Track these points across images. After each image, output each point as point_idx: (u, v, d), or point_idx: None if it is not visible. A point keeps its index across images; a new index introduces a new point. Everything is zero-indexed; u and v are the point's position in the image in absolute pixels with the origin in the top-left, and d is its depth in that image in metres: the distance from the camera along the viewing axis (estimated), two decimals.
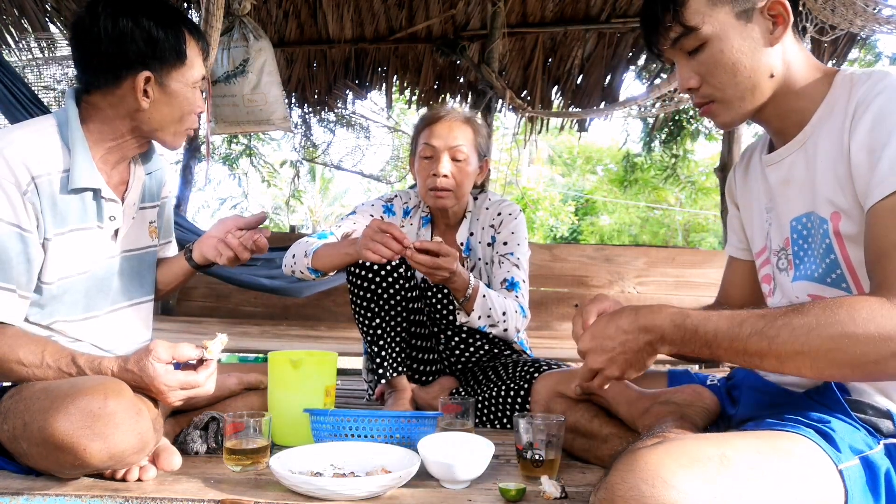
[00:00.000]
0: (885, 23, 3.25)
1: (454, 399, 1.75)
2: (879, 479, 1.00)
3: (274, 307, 4.98)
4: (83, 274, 1.45)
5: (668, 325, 1.08)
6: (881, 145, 1.03)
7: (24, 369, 1.30)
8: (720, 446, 0.96)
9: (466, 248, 2.13)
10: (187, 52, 1.45)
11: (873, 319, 0.94)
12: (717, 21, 1.15)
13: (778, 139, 1.26)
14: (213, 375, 1.35)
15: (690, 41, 1.18)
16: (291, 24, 5.02)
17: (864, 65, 6.40)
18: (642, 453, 0.93)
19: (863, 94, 1.09)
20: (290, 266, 2.00)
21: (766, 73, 1.17)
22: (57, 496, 1.23)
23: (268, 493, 1.28)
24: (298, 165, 9.00)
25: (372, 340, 2.01)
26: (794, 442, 1.00)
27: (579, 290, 4.88)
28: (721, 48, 1.16)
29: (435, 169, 2.01)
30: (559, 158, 17.30)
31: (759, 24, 1.16)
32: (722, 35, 1.16)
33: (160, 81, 1.43)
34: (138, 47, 1.39)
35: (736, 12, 1.15)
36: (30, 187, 1.34)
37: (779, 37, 1.16)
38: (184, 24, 1.46)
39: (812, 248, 1.18)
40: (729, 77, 1.17)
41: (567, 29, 4.96)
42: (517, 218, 2.13)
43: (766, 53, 1.16)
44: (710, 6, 1.16)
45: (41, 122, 1.44)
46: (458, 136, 2.03)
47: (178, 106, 1.47)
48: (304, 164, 9.45)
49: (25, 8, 4.25)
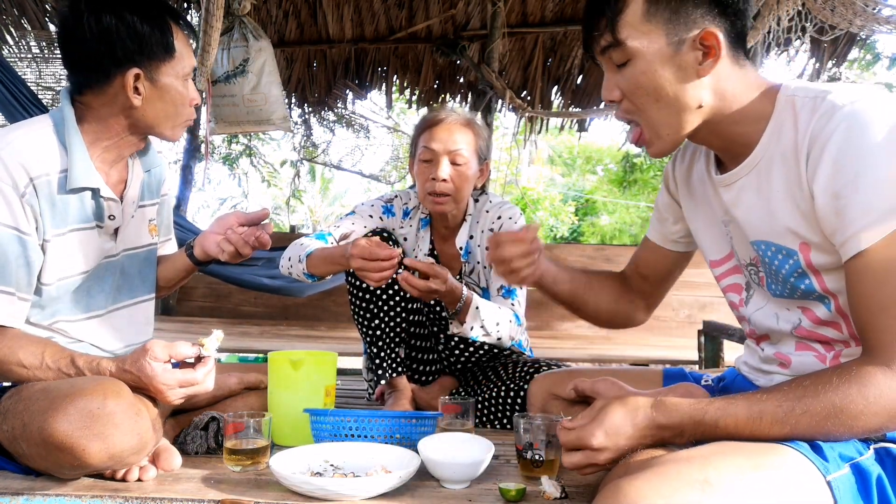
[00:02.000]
0: (884, 23, 3.25)
1: (454, 399, 1.75)
2: (871, 486, 0.99)
3: (274, 307, 4.98)
4: (83, 274, 1.45)
5: (687, 422, 1.06)
6: (847, 191, 1.01)
7: (24, 371, 1.30)
8: (703, 470, 0.93)
9: (466, 251, 2.12)
10: (175, 45, 1.43)
11: (882, 395, 0.98)
12: (646, 41, 1.11)
13: (725, 158, 1.23)
14: (212, 372, 1.34)
15: (617, 54, 1.14)
16: (291, 24, 5.03)
17: (864, 65, 6.39)
18: (622, 485, 0.92)
19: (815, 127, 1.05)
20: (287, 267, 1.99)
21: (692, 103, 1.13)
22: (57, 496, 1.23)
23: (268, 493, 1.28)
24: (298, 165, 9.01)
25: (371, 341, 2.01)
26: (781, 454, 0.98)
27: None
28: (644, 69, 1.12)
29: (434, 173, 1.99)
30: (559, 158, 17.30)
31: (689, 55, 1.11)
32: (649, 56, 1.12)
33: (151, 77, 1.41)
34: (125, 44, 1.37)
35: (668, 37, 1.11)
36: (28, 189, 1.34)
37: (707, 69, 1.11)
38: (169, 16, 1.44)
39: (784, 273, 1.16)
40: (650, 101, 1.14)
41: (567, 29, 4.96)
42: (517, 222, 2.11)
43: (692, 85, 1.12)
44: (643, 23, 1.12)
45: (37, 122, 1.44)
46: (458, 140, 2.00)
47: (172, 100, 1.45)
48: (304, 164, 9.46)
49: (25, 8, 4.25)
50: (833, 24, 3.33)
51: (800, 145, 1.07)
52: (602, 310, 1.55)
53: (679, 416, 1.06)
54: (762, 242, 1.17)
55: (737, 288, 1.32)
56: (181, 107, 1.48)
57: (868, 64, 6.94)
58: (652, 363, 3.80)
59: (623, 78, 1.15)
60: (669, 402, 1.08)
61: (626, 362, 3.85)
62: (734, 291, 1.32)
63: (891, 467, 1.02)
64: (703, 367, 3.30)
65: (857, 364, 1.01)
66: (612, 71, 1.18)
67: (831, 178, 1.03)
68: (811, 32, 3.38)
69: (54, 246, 1.40)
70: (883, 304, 1.01)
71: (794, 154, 1.08)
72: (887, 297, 1.00)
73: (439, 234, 2.16)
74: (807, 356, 1.18)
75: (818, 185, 1.05)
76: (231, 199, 13.33)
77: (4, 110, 3.56)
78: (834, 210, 1.03)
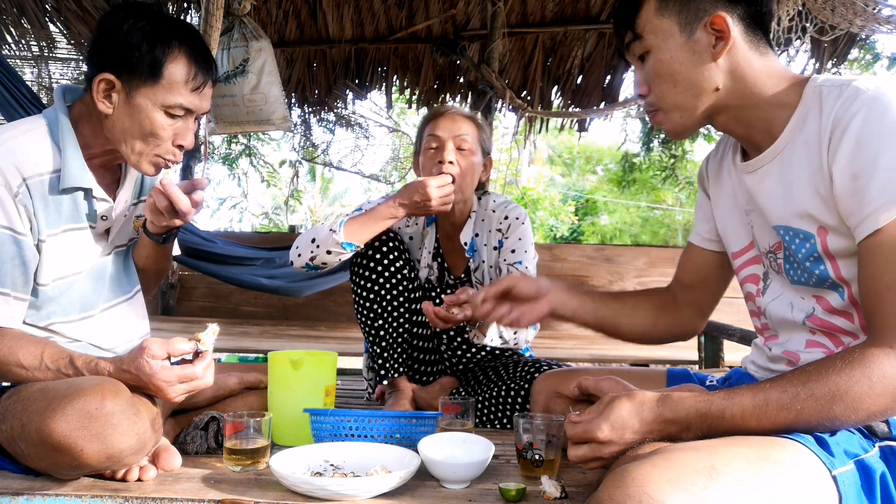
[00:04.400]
0: (885, 23, 3.25)
1: (454, 399, 1.75)
2: (875, 483, 0.99)
3: (274, 307, 4.98)
4: (78, 274, 1.45)
5: (693, 416, 1.07)
6: (865, 172, 1.04)
7: (23, 372, 1.30)
8: (710, 458, 0.94)
9: (471, 248, 2.12)
10: (165, 73, 1.37)
11: (886, 375, 0.98)
12: (661, 31, 1.20)
13: (748, 147, 1.26)
14: (211, 366, 1.33)
15: (637, 47, 1.24)
16: (291, 24, 5.02)
17: (863, 65, 6.40)
18: (630, 469, 0.93)
19: (838, 111, 1.08)
20: (310, 251, 1.90)
21: (708, 86, 1.19)
22: (57, 496, 1.23)
23: (268, 493, 1.28)
24: (297, 165, 9.00)
25: (374, 340, 2.01)
26: (787, 448, 0.98)
27: None
28: (661, 58, 1.20)
29: (440, 156, 2.00)
30: (559, 158, 17.30)
31: (703, 39, 1.17)
32: (664, 45, 1.20)
33: (128, 91, 1.37)
34: (113, 50, 1.36)
35: (680, 25, 1.19)
36: (21, 189, 1.34)
37: (721, 52, 1.17)
38: (184, 47, 1.38)
39: (800, 257, 1.18)
40: (669, 87, 1.21)
41: (567, 29, 4.96)
42: (524, 223, 2.11)
43: (708, 67, 1.18)
44: (657, 16, 1.20)
45: (30, 122, 1.43)
46: (463, 128, 2.03)
47: (139, 123, 1.38)
48: (304, 164, 9.45)
49: (25, 8, 4.25)
50: (833, 24, 3.33)
51: (823, 130, 1.10)
52: (640, 330, 1.52)
53: (685, 410, 1.07)
54: (782, 227, 1.20)
55: (754, 278, 1.33)
56: (150, 136, 1.40)
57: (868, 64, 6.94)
58: (652, 363, 3.80)
59: (646, 70, 1.24)
60: (675, 397, 1.09)
61: (626, 362, 3.85)
62: (752, 282, 1.34)
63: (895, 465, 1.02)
64: (703, 367, 3.30)
65: (860, 347, 1.02)
66: (638, 66, 1.26)
67: (851, 159, 1.05)
68: (811, 32, 3.38)
69: (49, 246, 1.39)
70: (892, 284, 1.01)
71: (818, 139, 1.10)
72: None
73: (444, 232, 2.16)
74: (815, 353, 1.18)
75: (838, 167, 1.07)
76: (231, 199, 13.32)
77: (3, 110, 3.56)
78: (852, 191, 1.05)
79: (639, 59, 1.25)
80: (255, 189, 12.77)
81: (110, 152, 1.46)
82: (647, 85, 1.24)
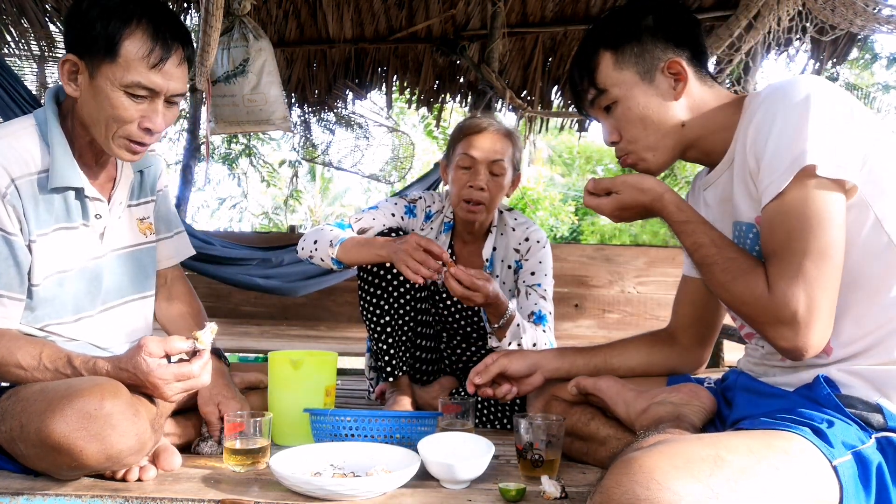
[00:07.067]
0: (885, 23, 3.25)
1: (454, 399, 1.75)
2: (871, 474, 1.02)
3: (274, 307, 4.98)
4: (69, 272, 1.44)
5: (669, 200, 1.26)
6: (763, 152, 1.14)
7: (22, 372, 1.30)
8: (715, 447, 0.98)
9: (490, 262, 2.12)
10: (121, 51, 1.31)
11: (753, 293, 1.13)
12: (623, 83, 1.31)
13: (712, 167, 1.36)
14: (208, 365, 1.32)
15: (603, 101, 1.34)
16: (291, 24, 5.02)
17: (863, 65, 6.41)
18: (637, 456, 0.95)
19: (752, 108, 1.20)
20: (310, 251, 1.95)
21: (674, 123, 1.31)
22: (57, 496, 1.23)
23: (268, 493, 1.28)
24: (297, 165, 9.00)
25: (379, 338, 2.00)
26: (789, 440, 1.01)
27: (579, 289, 4.88)
28: (629, 105, 1.31)
29: (473, 181, 1.97)
30: (559, 158, 17.29)
31: (663, 82, 1.30)
32: (629, 94, 1.31)
33: (91, 73, 1.34)
34: (75, 29, 1.35)
35: (640, 74, 1.31)
36: (9, 190, 1.34)
37: (681, 91, 1.30)
38: (143, 22, 1.32)
39: (747, 243, 1.25)
40: (639, 130, 1.32)
41: (567, 29, 4.96)
42: (545, 247, 2.10)
43: (672, 107, 1.31)
44: (616, 70, 1.32)
45: (20, 122, 1.43)
46: (499, 151, 1.99)
47: (101, 105, 1.34)
48: (304, 164, 9.46)
49: (25, 8, 4.25)
50: (833, 24, 3.33)
51: (748, 129, 1.20)
52: (637, 369, 1.57)
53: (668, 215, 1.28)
54: (735, 224, 1.29)
55: None
56: (112, 119, 1.35)
57: (868, 64, 6.95)
58: None
59: (615, 119, 1.35)
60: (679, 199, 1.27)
61: None
62: None
63: (892, 456, 1.05)
64: None
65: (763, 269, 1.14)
66: (604, 117, 1.38)
67: (753, 143, 1.17)
68: (811, 32, 3.38)
69: (40, 246, 1.39)
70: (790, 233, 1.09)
71: (744, 138, 1.21)
72: (795, 228, 1.09)
73: (461, 239, 2.15)
74: None
75: (750, 154, 1.18)
76: (230, 199, 13.31)
77: (1, 112, 3.55)
78: (757, 170, 1.16)
79: (604, 110, 1.35)
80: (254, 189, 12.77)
81: (92, 143, 1.44)
82: (618, 132, 1.35)
